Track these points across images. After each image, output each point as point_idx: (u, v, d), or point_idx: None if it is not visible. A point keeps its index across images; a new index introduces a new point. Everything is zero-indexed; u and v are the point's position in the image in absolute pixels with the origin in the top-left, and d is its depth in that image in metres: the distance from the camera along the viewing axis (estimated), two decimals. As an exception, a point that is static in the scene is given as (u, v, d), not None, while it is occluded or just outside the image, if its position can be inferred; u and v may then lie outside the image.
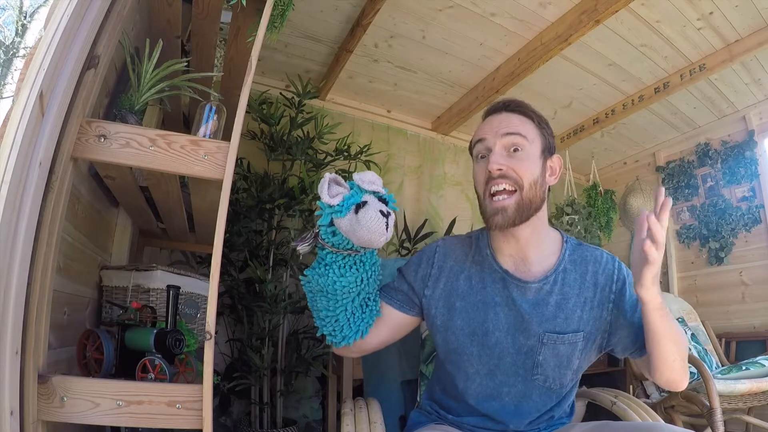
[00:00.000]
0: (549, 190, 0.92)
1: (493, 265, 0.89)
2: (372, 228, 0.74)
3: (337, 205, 0.76)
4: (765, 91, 2.50)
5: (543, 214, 0.89)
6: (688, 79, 2.29)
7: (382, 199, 0.79)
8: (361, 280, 0.84)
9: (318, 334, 0.91)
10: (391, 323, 0.93)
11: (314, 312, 0.88)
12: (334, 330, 0.86)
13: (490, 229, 0.86)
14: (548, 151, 0.88)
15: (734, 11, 1.94)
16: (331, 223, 0.79)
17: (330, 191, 0.78)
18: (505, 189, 0.83)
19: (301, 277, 0.87)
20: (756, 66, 2.29)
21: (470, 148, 0.92)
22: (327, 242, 0.81)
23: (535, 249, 0.88)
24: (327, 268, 0.82)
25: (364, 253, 0.83)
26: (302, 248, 0.82)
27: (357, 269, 0.83)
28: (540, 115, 0.89)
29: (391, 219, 0.77)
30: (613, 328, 0.87)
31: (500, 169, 0.82)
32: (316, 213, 0.80)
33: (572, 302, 0.86)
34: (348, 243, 0.80)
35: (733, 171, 2.72)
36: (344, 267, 0.82)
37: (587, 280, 0.87)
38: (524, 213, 0.83)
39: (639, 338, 0.85)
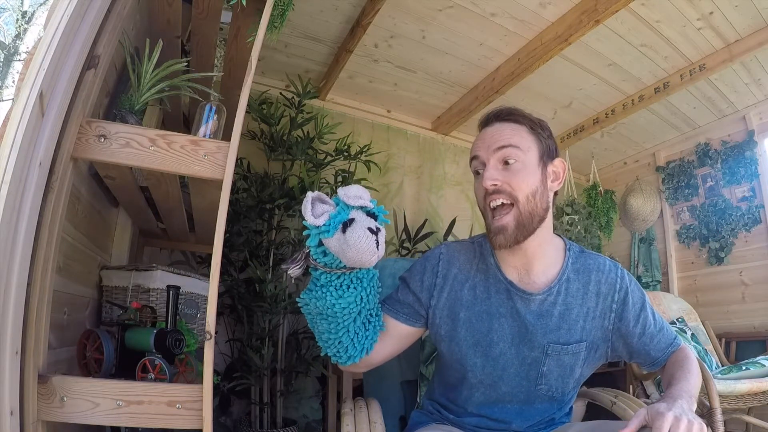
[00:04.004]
0: (555, 194, 0.89)
1: (497, 275, 0.87)
2: (361, 248, 0.70)
3: (323, 224, 0.72)
4: (765, 91, 2.50)
5: (548, 222, 0.87)
6: (688, 79, 2.29)
7: (371, 214, 0.75)
8: (361, 299, 0.80)
9: (322, 354, 0.87)
10: (397, 336, 0.90)
11: (316, 334, 0.85)
12: (339, 351, 0.83)
13: (493, 248, 0.86)
14: (547, 156, 0.85)
15: (734, 11, 1.94)
16: (320, 243, 0.74)
17: (314, 210, 0.73)
18: (503, 203, 0.81)
19: (298, 300, 0.83)
20: (756, 66, 2.29)
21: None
22: (319, 262, 0.76)
23: (540, 260, 0.87)
24: (323, 289, 0.78)
25: (360, 270, 0.79)
26: (293, 272, 0.77)
27: (355, 287, 0.78)
28: (534, 119, 0.86)
29: (382, 235, 0.73)
30: (616, 337, 0.87)
31: (495, 184, 0.81)
32: (304, 233, 0.76)
33: (575, 312, 0.85)
34: (341, 262, 0.75)
35: (733, 171, 2.72)
36: (341, 287, 0.78)
37: (590, 290, 0.87)
38: (526, 228, 0.81)
39: (650, 356, 0.88)
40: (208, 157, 0.90)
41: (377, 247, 0.72)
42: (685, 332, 2.28)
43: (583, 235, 3.02)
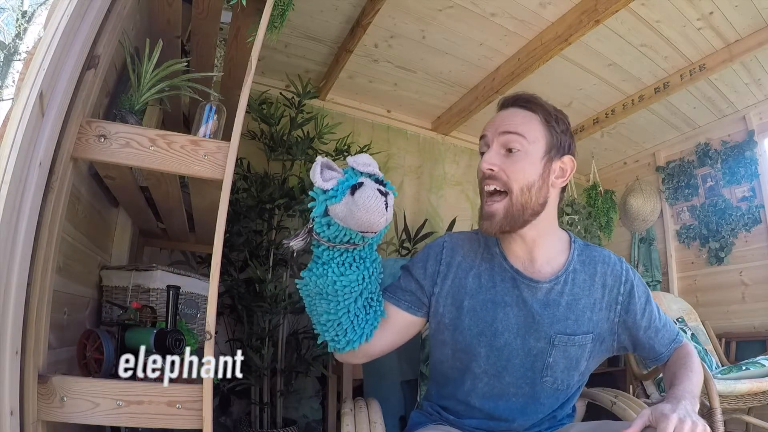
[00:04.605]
0: (564, 191, 0.89)
1: (503, 264, 0.87)
2: (371, 207, 0.69)
3: (332, 189, 0.71)
4: (765, 91, 2.50)
5: (548, 216, 0.86)
6: (688, 79, 2.29)
7: (379, 181, 0.74)
8: (363, 278, 0.79)
9: (319, 342, 0.85)
10: (398, 326, 0.89)
11: (314, 317, 0.84)
12: (338, 335, 0.81)
13: (480, 231, 0.86)
14: (556, 151, 0.83)
15: (734, 11, 1.93)
16: (326, 213, 0.73)
17: (323, 176, 0.72)
18: (495, 190, 0.81)
19: (297, 281, 0.81)
20: (756, 66, 2.29)
21: None
22: (322, 236, 0.75)
23: (541, 250, 0.86)
24: (325, 266, 0.76)
25: (363, 248, 0.78)
26: (296, 244, 0.76)
27: (357, 266, 0.77)
28: (550, 111, 0.85)
29: (390, 198, 0.72)
30: (621, 329, 0.87)
31: (491, 169, 0.81)
32: (309, 204, 0.75)
33: (582, 303, 0.85)
34: (345, 235, 0.74)
35: (733, 171, 2.72)
36: (343, 264, 0.76)
37: (596, 281, 0.86)
38: (515, 219, 0.80)
39: (654, 350, 0.89)
40: (208, 157, 0.90)
41: (386, 209, 0.71)
42: (686, 332, 2.28)
43: (583, 236, 3.02)
